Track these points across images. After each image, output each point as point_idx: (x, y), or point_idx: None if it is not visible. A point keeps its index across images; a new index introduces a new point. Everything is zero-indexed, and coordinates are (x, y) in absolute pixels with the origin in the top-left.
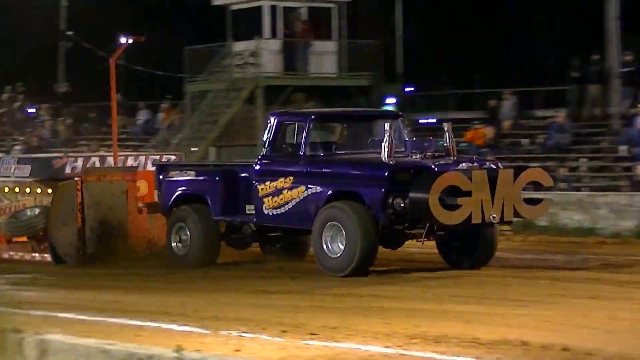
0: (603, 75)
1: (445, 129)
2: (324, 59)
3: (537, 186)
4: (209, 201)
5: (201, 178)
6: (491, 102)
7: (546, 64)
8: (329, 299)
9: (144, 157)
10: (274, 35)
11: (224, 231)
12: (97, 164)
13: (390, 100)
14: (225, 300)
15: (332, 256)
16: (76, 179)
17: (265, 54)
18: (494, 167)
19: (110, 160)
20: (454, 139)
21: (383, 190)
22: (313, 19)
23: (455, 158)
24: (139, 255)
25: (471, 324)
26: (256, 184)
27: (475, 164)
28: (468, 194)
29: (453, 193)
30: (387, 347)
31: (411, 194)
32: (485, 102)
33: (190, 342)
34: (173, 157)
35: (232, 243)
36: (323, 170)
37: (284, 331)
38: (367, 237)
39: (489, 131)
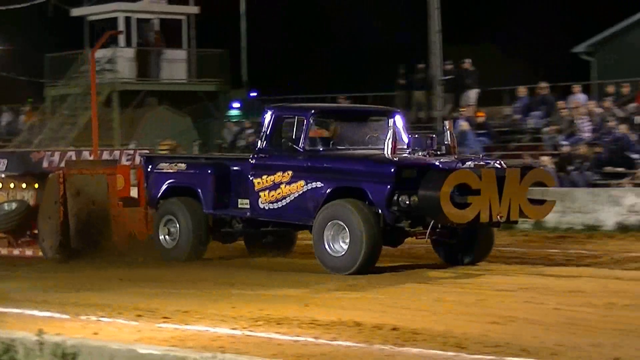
0: (427, 82)
1: (446, 127)
2: (175, 66)
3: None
4: (200, 194)
5: (192, 171)
6: None
7: (376, 71)
8: (182, 285)
9: (119, 152)
10: (128, 44)
11: (212, 225)
12: (74, 159)
13: (236, 104)
14: (85, 287)
15: (335, 255)
16: (57, 172)
17: (120, 61)
18: (499, 166)
19: (85, 155)
20: (455, 137)
21: (389, 187)
22: (165, 29)
23: (457, 156)
24: (121, 249)
25: (310, 307)
26: (252, 177)
27: (482, 163)
28: (477, 192)
29: (462, 191)
30: (234, 328)
31: (421, 191)
32: None
33: (51, 327)
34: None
35: (218, 237)
36: (325, 165)
37: (139, 315)
38: (371, 236)
39: (325, 133)
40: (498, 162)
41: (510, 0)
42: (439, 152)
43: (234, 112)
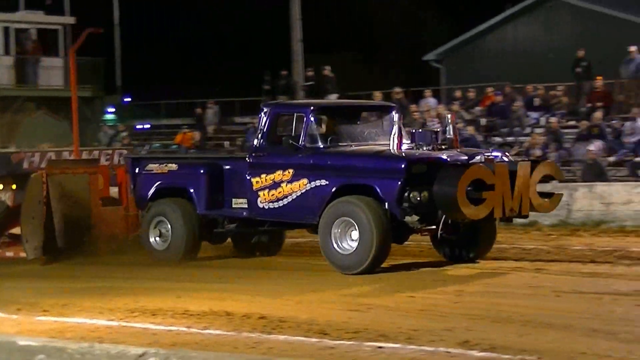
0: (290, 88)
1: (448, 121)
2: (52, 73)
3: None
4: (193, 195)
5: (184, 171)
6: (197, 110)
7: (243, 78)
8: (63, 282)
9: (98, 152)
10: (7, 52)
11: (203, 226)
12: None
13: (111, 109)
14: None
15: (343, 253)
16: (40, 172)
17: None
18: (507, 159)
19: (65, 155)
20: (457, 130)
21: (400, 183)
22: (42, 38)
23: (460, 149)
24: (103, 249)
25: (183, 299)
26: (249, 177)
27: (491, 156)
28: (491, 187)
29: (476, 187)
30: (110, 320)
31: (436, 187)
32: (192, 110)
33: None
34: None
35: (208, 238)
36: (329, 162)
37: (19, 309)
38: (382, 233)
39: (196, 135)
40: (504, 154)
41: (367, 12)
42: (443, 147)
43: (109, 117)
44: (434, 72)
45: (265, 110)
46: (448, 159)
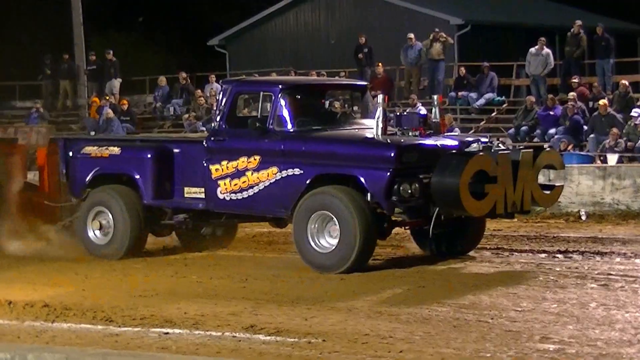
0: (72, 72)
1: (435, 103)
2: None
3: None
4: (140, 183)
5: (128, 155)
6: None
7: (24, 62)
8: None
9: (14, 129)
10: None
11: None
12: None
13: None
14: None
15: (321, 251)
16: None
17: None
18: (504, 147)
19: None
20: (444, 114)
21: (389, 173)
22: None
23: (447, 135)
24: (25, 240)
25: None
26: (207, 164)
27: (488, 143)
28: (494, 180)
29: (478, 179)
30: None
31: (435, 179)
32: None
33: None
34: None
35: (151, 230)
36: (303, 148)
37: None
38: (366, 228)
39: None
40: (502, 142)
41: None
42: (431, 132)
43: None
44: (219, 56)
45: (225, 88)
46: (444, 147)
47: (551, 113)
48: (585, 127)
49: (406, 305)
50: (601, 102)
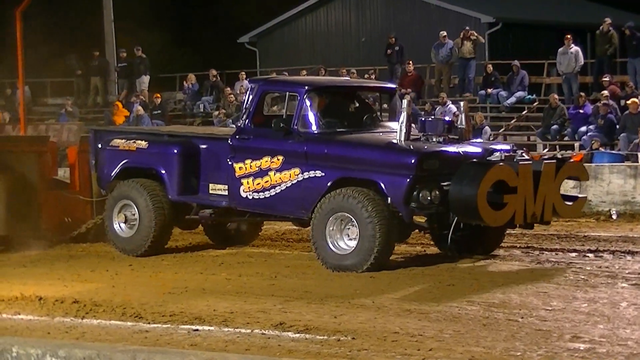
0: (102, 69)
1: (462, 109)
2: None
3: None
4: (165, 178)
5: (155, 150)
6: (7, 90)
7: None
8: None
9: (45, 127)
10: None
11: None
12: None
13: None
14: None
15: (340, 253)
16: None
17: None
18: (527, 157)
19: (8, 130)
20: (470, 120)
21: (409, 180)
22: None
23: (472, 143)
24: (51, 239)
25: None
26: (232, 162)
27: (510, 153)
28: (514, 190)
29: (497, 189)
30: None
31: (453, 188)
32: (3, 91)
33: None
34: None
35: (178, 224)
36: (326, 151)
37: None
38: (385, 231)
39: (5, 116)
40: (526, 152)
41: None
42: (455, 138)
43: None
44: (249, 54)
45: (252, 86)
46: (466, 155)
47: (581, 111)
48: (617, 126)
49: (435, 304)
50: (632, 100)
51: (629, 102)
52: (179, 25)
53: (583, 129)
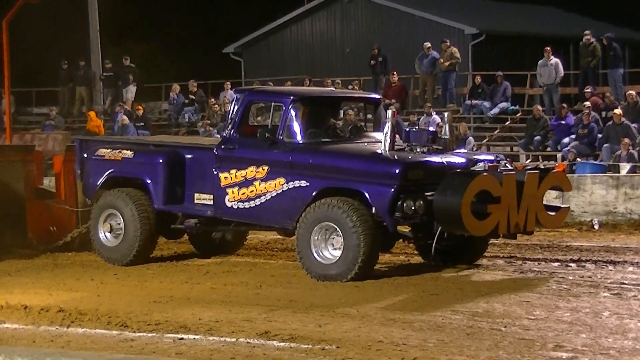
0: (88, 78)
1: (446, 120)
2: None
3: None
4: (150, 187)
5: (140, 160)
6: None
7: (41, 68)
8: None
9: (30, 136)
10: None
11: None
12: None
13: None
14: None
15: (325, 263)
16: None
17: None
18: (510, 167)
19: None
20: (454, 131)
21: (393, 190)
22: None
23: (455, 153)
24: (37, 247)
25: None
26: (217, 171)
27: (494, 163)
28: (497, 200)
29: (481, 199)
30: None
31: (437, 198)
32: None
33: None
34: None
35: (163, 233)
36: (311, 161)
37: None
38: (370, 241)
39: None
40: (509, 162)
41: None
42: (439, 148)
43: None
44: (234, 64)
45: (237, 96)
46: (450, 165)
47: (563, 122)
48: (599, 137)
49: (419, 313)
50: (616, 111)
51: (614, 112)
52: (165, 35)
53: (566, 140)
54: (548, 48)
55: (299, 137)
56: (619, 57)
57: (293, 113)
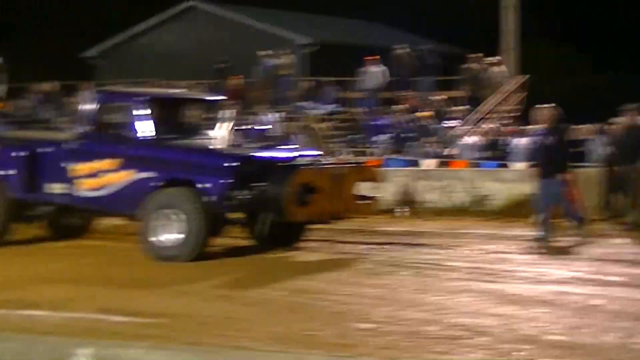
0: None
1: (277, 119)
2: None
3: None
4: (7, 178)
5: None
6: None
7: None
8: None
9: None
10: None
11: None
12: None
13: None
14: None
15: (162, 245)
16: None
17: None
18: (330, 162)
19: None
20: (284, 130)
21: (224, 181)
22: None
23: (281, 147)
24: None
25: None
26: (72, 163)
27: (317, 158)
28: (318, 190)
29: (304, 189)
30: None
31: (266, 189)
32: None
33: None
34: None
35: (19, 219)
36: (156, 155)
37: None
38: (202, 225)
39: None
40: (328, 156)
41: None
42: (270, 145)
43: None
44: (90, 68)
45: (93, 96)
46: (277, 158)
47: (377, 123)
48: (410, 135)
49: (246, 290)
50: (423, 113)
51: (421, 114)
52: (25, 37)
53: (380, 137)
54: (367, 57)
55: (147, 133)
56: (430, 67)
57: (142, 112)
